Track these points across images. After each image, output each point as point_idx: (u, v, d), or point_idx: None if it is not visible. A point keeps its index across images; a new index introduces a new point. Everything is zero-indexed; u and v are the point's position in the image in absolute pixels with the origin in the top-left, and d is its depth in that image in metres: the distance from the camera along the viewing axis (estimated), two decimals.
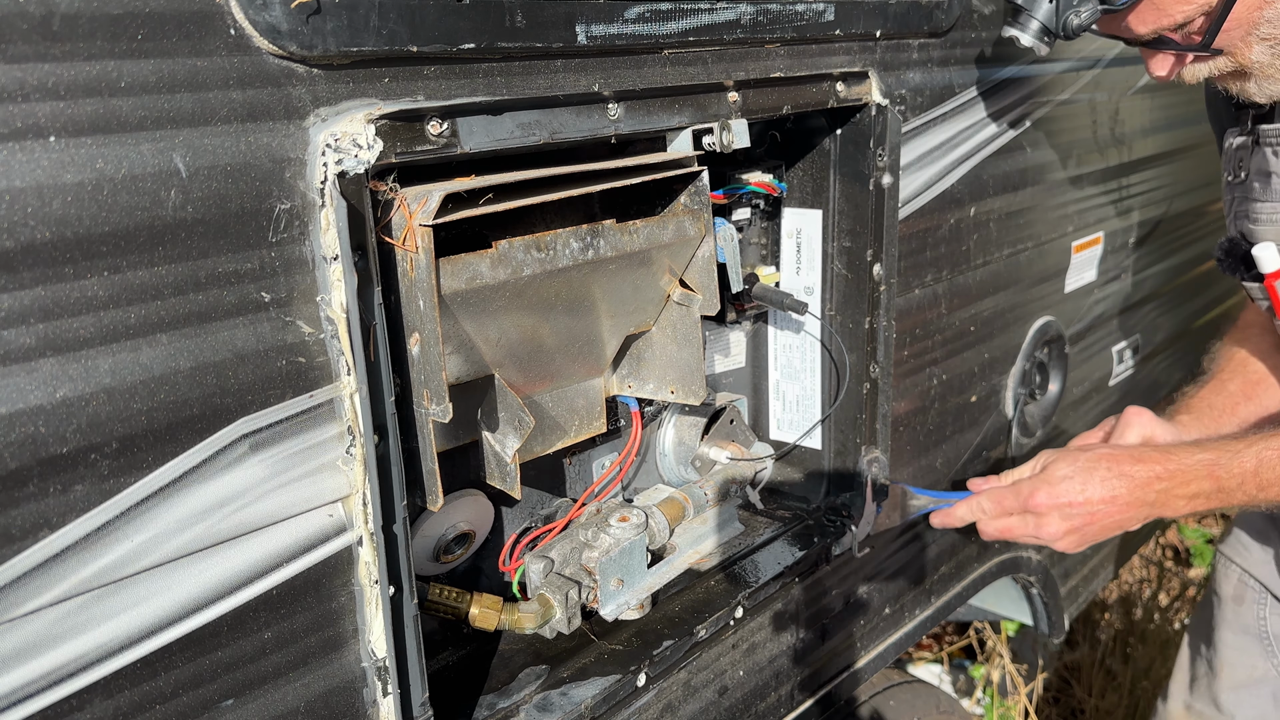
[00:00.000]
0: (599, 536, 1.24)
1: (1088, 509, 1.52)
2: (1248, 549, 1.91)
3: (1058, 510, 1.53)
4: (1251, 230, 1.59)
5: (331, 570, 0.92)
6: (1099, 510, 1.52)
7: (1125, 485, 1.51)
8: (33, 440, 0.72)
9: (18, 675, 0.74)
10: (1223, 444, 1.51)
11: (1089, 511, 1.52)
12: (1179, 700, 2.01)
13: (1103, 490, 1.51)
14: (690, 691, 1.33)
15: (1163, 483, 1.50)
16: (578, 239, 1.12)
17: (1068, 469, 1.54)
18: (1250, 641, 1.89)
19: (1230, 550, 1.95)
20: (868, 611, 1.69)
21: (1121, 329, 2.39)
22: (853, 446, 1.54)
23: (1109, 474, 1.52)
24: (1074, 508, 1.52)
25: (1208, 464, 1.49)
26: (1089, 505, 1.52)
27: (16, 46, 0.68)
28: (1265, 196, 1.56)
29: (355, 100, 0.86)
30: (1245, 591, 1.90)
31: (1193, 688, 1.99)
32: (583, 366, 1.24)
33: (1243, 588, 1.91)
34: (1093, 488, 1.52)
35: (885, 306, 1.48)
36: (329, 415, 0.89)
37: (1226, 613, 1.93)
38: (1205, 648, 1.97)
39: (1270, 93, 1.42)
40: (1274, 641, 1.87)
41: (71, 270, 0.72)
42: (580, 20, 1.00)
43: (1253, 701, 1.88)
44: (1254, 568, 1.89)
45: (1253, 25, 1.33)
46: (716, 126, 1.18)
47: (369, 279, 0.88)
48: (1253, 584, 1.89)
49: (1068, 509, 1.52)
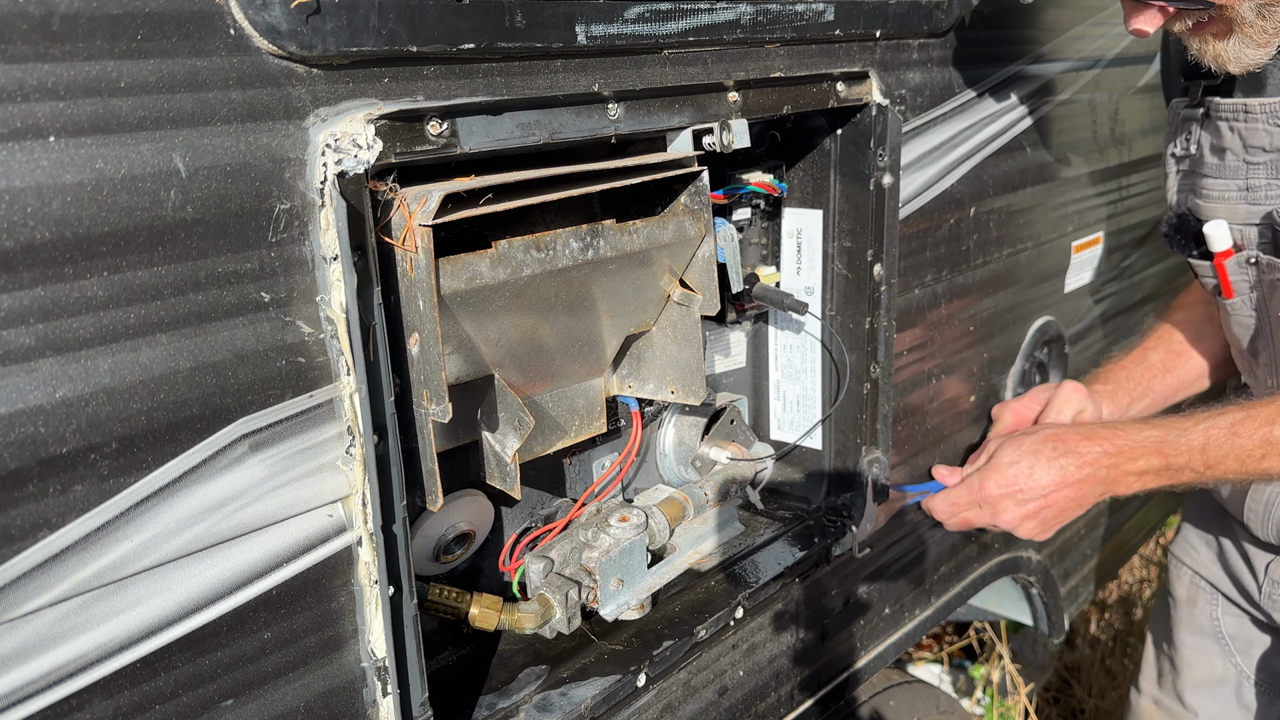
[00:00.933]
0: (599, 536, 1.24)
1: (1038, 492, 1.53)
2: (1196, 550, 1.90)
3: (1009, 497, 1.54)
4: (1200, 206, 1.57)
5: (331, 570, 0.92)
6: (1051, 493, 1.53)
7: (1074, 463, 1.52)
8: (33, 440, 0.72)
9: (18, 675, 0.74)
10: (1170, 421, 1.52)
11: (1041, 495, 1.53)
12: (1149, 695, 2.02)
13: (1050, 472, 1.52)
14: (690, 692, 1.33)
15: (1110, 458, 1.51)
16: (578, 239, 1.12)
17: (1013, 454, 1.55)
18: (1208, 642, 1.89)
19: (1180, 551, 1.94)
20: (868, 611, 1.69)
21: (1122, 329, 2.39)
22: (853, 447, 1.54)
23: (1055, 454, 1.53)
24: (1024, 493, 1.53)
25: (1155, 440, 1.50)
26: (1039, 489, 1.53)
27: (16, 46, 0.68)
28: (1218, 173, 1.53)
29: (355, 100, 0.86)
30: (1198, 594, 1.89)
31: (1160, 683, 2.00)
32: (583, 366, 1.24)
33: (1195, 590, 1.90)
34: (1040, 471, 1.53)
35: (886, 306, 1.48)
36: (329, 415, 0.89)
37: (1182, 614, 1.92)
38: (1167, 645, 1.97)
39: (1246, 60, 1.34)
40: (1229, 641, 1.86)
41: (71, 270, 0.72)
42: (580, 20, 1.00)
43: (1215, 700, 1.89)
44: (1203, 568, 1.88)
45: None
46: (717, 126, 1.18)
47: (369, 279, 0.88)
48: (1204, 585, 1.88)
49: (1019, 495, 1.54)
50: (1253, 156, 1.47)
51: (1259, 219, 1.49)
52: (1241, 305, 1.57)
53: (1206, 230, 1.54)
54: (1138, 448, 1.50)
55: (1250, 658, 1.84)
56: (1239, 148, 1.48)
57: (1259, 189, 1.48)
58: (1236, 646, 1.85)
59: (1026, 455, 1.55)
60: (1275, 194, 1.47)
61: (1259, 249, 1.50)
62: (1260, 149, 1.46)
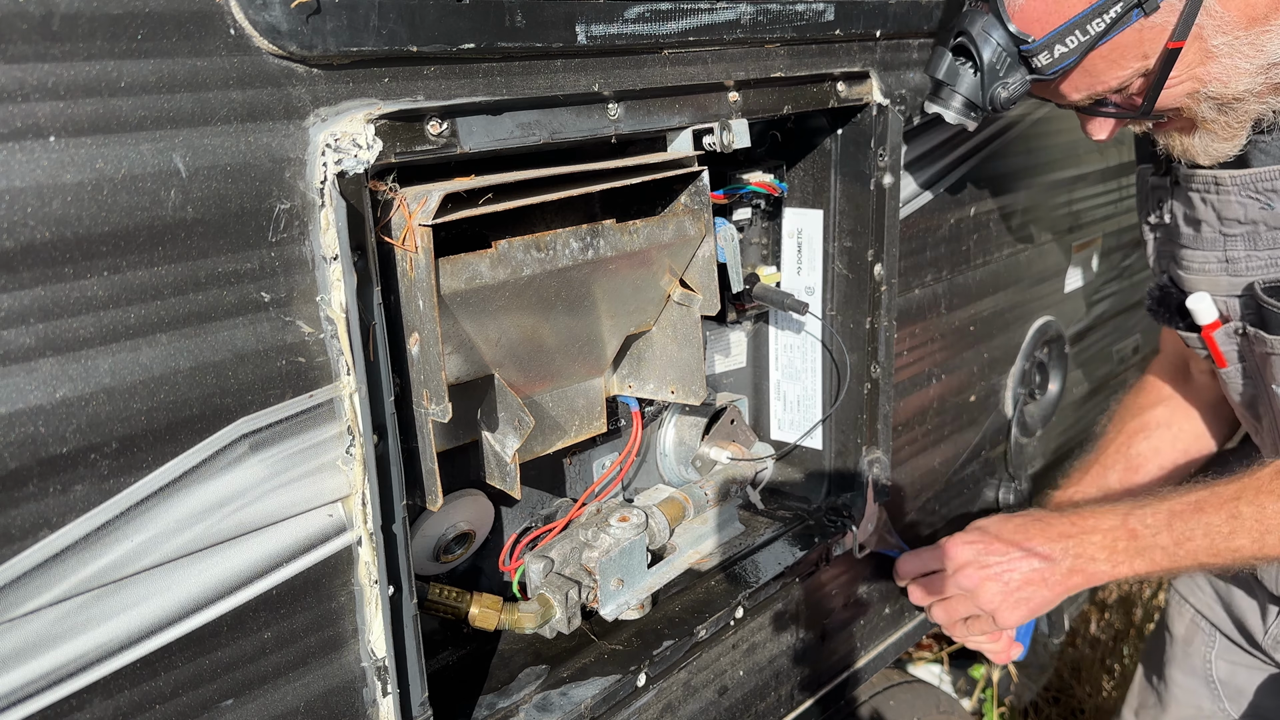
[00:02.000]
0: (599, 536, 1.24)
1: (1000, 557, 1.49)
2: (1201, 589, 1.85)
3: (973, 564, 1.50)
4: (1181, 278, 1.51)
5: (331, 570, 0.92)
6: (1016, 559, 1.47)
7: (1039, 531, 1.49)
8: (33, 440, 0.72)
9: (18, 675, 0.74)
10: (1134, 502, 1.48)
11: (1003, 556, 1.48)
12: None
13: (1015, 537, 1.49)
14: (690, 691, 1.33)
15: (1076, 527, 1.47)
16: (578, 239, 1.12)
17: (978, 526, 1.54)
18: (1197, 683, 1.85)
19: (1184, 588, 1.89)
20: (868, 611, 1.69)
21: (1121, 329, 2.39)
22: (853, 447, 1.54)
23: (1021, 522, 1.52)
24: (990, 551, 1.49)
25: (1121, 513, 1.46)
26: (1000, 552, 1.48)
27: (16, 46, 0.68)
28: (1195, 244, 1.47)
29: (355, 100, 0.86)
30: (1195, 634, 1.85)
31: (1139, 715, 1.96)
32: (583, 366, 1.24)
33: (1194, 629, 1.85)
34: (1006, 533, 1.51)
35: (886, 306, 1.48)
36: (329, 415, 0.89)
37: (1176, 652, 1.88)
38: (1156, 679, 1.93)
39: (1214, 153, 1.31)
40: (1219, 686, 1.81)
41: (71, 270, 0.72)
42: (580, 20, 1.00)
43: None
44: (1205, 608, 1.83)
45: (1198, 83, 1.23)
46: (717, 126, 1.18)
47: (368, 279, 0.88)
48: (1204, 625, 1.83)
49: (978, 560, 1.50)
50: (1229, 228, 1.42)
51: (1240, 290, 1.44)
52: (1236, 373, 1.53)
53: (1190, 305, 1.50)
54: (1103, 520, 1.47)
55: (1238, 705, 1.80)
56: (1214, 220, 1.43)
57: (1238, 260, 1.43)
58: (1225, 692, 1.81)
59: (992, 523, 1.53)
60: (1255, 265, 1.42)
61: (1244, 320, 1.46)
62: (1235, 220, 1.40)
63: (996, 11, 1.20)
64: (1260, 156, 1.35)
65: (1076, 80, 1.24)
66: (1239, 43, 1.19)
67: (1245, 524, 1.39)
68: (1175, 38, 1.17)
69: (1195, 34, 1.18)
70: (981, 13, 1.22)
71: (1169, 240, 1.53)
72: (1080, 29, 1.16)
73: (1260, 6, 1.18)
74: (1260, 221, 1.38)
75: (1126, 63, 1.21)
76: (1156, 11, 1.16)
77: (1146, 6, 1.15)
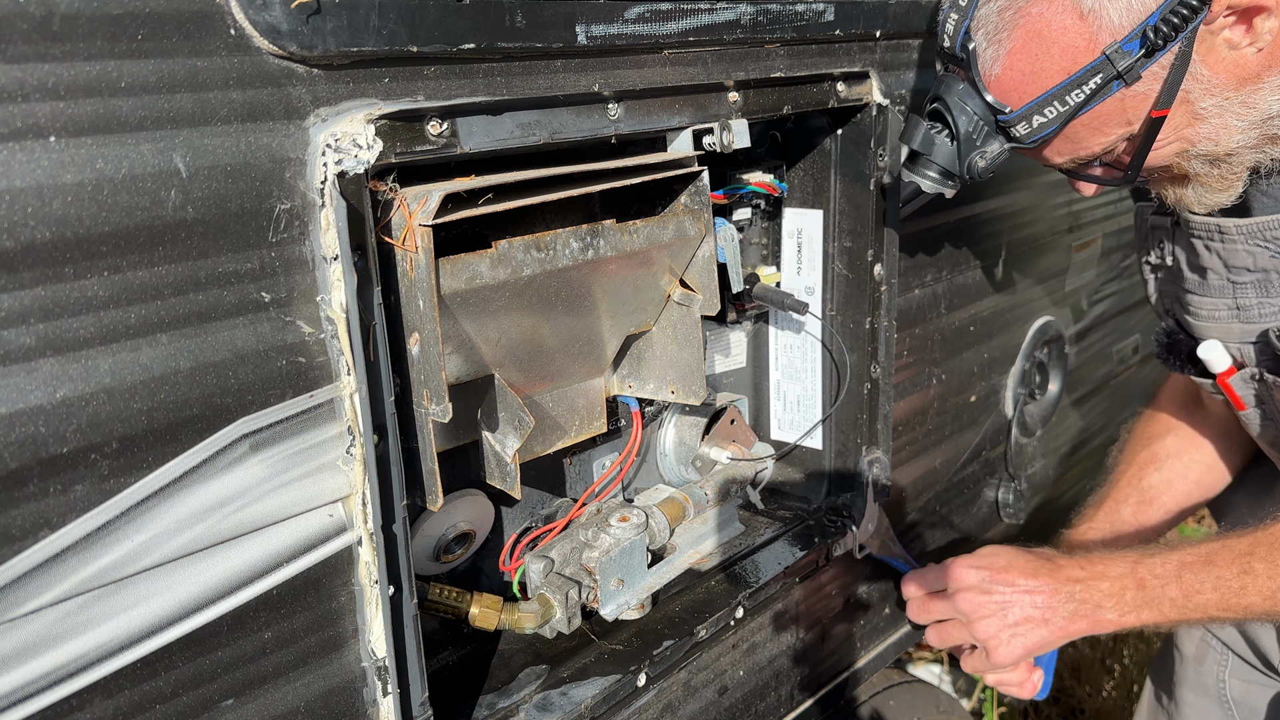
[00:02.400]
0: (599, 536, 1.24)
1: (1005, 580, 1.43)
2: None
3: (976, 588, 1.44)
4: (1190, 324, 1.46)
5: (331, 570, 0.92)
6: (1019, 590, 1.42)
7: (1047, 568, 1.43)
8: (33, 440, 0.72)
9: (18, 675, 0.74)
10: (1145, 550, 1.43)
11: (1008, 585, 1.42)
12: None
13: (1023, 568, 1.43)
14: (690, 691, 1.33)
15: (1084, 570, 1.42)
16: (578, 239, 1.12)
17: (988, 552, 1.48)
18: (1210, 704, 1.78)
19: None
20: (868, 611, 1.69)
21: (1121, 329, 2.39)
22: (853, 447, 1.54)
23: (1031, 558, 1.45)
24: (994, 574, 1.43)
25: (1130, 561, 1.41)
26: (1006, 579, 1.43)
27: (16, 46, 0.68)
28: (1203, 291, 1.41)
29: (355, 100, 0.86)
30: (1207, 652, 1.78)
31: None
32: (583, 366, 1.24)
33: (1205, 647, 1.78)
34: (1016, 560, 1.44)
35: (886, 306, 1.48)
36: (329, 415, 0.89)
37: (1188, 671, 1.82)
38: (1166, 699, 1.86)
39: (1210, 203, 1.27)
40: (1234, 706, 1.75)
41: (71, 270, 0.72)
42: (580, 20, 1.00)
43: None
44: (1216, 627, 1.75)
45: (1187, 144, 1.19)
46: (717, 126, 1.18)
47: (369, 279, 0.88)
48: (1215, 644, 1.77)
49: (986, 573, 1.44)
50: (1238, 276, 1.36)
51: (1254, 337, 1.39)
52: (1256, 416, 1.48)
53: (1201, 354, 1.44)
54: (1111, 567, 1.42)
55: None
56: (1220, 268, 1.37)
57: (1250, 308, 1.37)
58: (1240, 713, 1.74)
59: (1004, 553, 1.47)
60: (1269, 312, 1.36)
61: (1260, 366, 1.40)
62: (1244, 269, 1.35)
63: (972, 80, 1.16)
64: (1263, 201, 1.29)
65: (1059, 146, 1.20)
66: (1230, 103, 1.15)
67: (1258, 580, 1.34)
68: (1159, 106, 1.13)
69: (1181, 98, 1.14)
70: (957, 80, 1.18)
71: (1172, 283, 1.48)
72: (1059, 100, 1.12)
73: (1251, 66, 1.13)
74: (1271, 269, 1.33)
75: (1109, 130, 1.17)
76: (1139, 81, 1.11)
77: (1128, 77, 1.10)
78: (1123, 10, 1.08)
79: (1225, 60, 1.13)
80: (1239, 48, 1.12)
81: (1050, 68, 1.12)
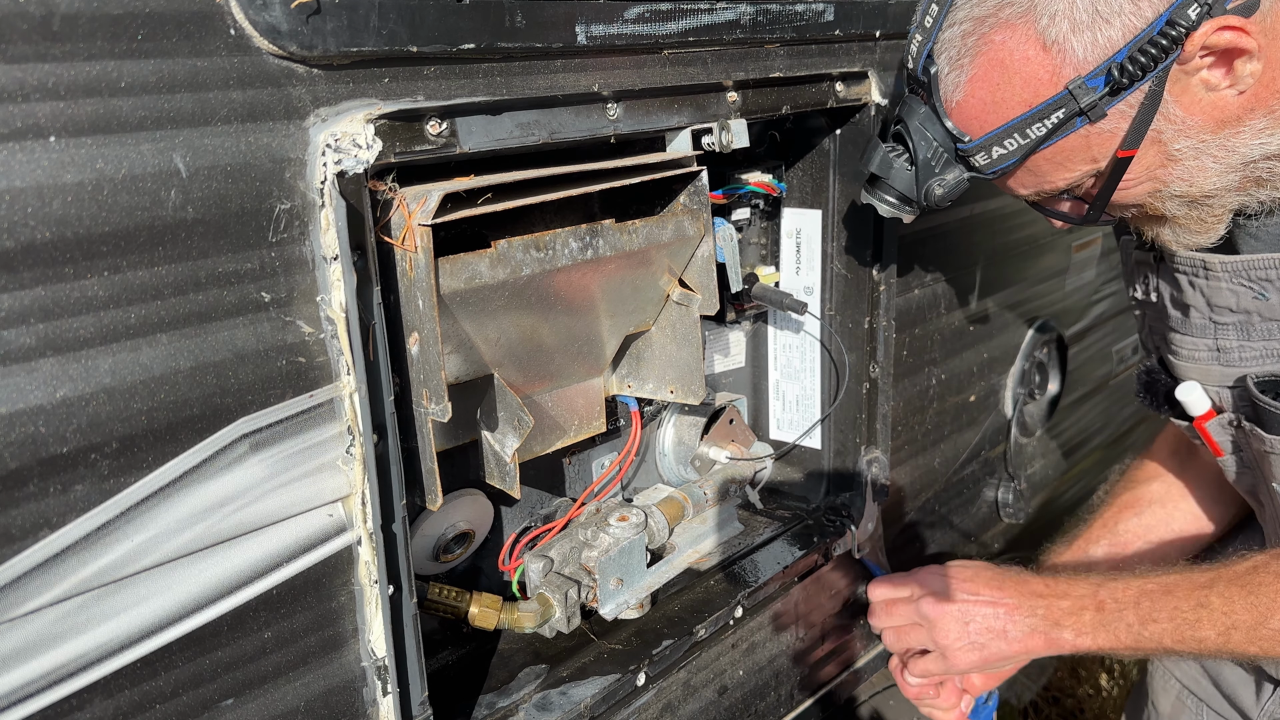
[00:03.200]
0: (598, 536, 1.24)
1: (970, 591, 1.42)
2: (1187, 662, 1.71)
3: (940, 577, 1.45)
4: (1173, 364, 1.41)
5: (331, 570, 0.92)
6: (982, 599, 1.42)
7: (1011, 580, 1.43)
8: (33, 440, 0.72)
9: (18, 675, 0.74)
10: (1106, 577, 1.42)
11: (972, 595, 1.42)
12: None
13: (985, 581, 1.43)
14: (690, 691, 1.33)
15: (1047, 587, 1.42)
16: (577, 239, 1.12)
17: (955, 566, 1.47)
18: None
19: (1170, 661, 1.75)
20: (867, 611, 1.69)
21: (1121, 329, 2.40)
22: (852, 446, 1.54)
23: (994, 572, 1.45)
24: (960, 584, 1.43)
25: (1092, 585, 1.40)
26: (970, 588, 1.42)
27: (16, 46, 0.68)
28: (1184, 329, 1.36)
29: (355, 100, 0.86)
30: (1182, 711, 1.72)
31: None
32: (582, 366, 1.24)
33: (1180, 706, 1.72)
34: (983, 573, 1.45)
35: (885, 306, 1.48)
36: (329, 415, 0.89)
37: None
38: None
39: (1190, 244, 1.22)
40: None
41: (71, 270, 0.73)
42: (580, 20, 1.00)
43: None
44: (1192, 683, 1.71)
45: (1160, 184, 1.14)
46: (716, 126, 1.18)
47: (368, 279, 0.88)
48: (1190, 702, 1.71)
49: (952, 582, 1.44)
50: (1220, 316, 1.31)
51: (1233, 381, 1.34)
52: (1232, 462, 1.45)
53: (1179, 396, 1.39)
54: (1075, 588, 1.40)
55: None
56: (1203, 306, 1.31)
57: (1231, 351, 1.32)
58: None
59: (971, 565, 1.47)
60: (1249, 356, 1.31)
61: (1238, 413, 1.36)
62: (1227, 309, 1.29)
63: (934, 106, 1.12)
64: (1250, 242, 1.24)
65: (1022, 178, 1.16)
66: (1207, 145, 1.10)
67: (1213, 614, 1.31)
68: (1126, 146, 1.09)
69: (1153, 139, 1.09)
70: (920, 103, 1.14)
71: (1158, 319, 1.43)
72: (1019, 132, 1.08)
73: (1230, 109, 1.08)
74: (1254, 311, 1.28)
75: (1074, 166, 1.13)
76: (1104, 119, 1.07)
77: (1091, 114, 1.06)
78: (1088, 45, 1.04)
79: (1202, 102, 1.08)
80: (1217, 89, 1.08)
81: (1011, 99, 1.08)
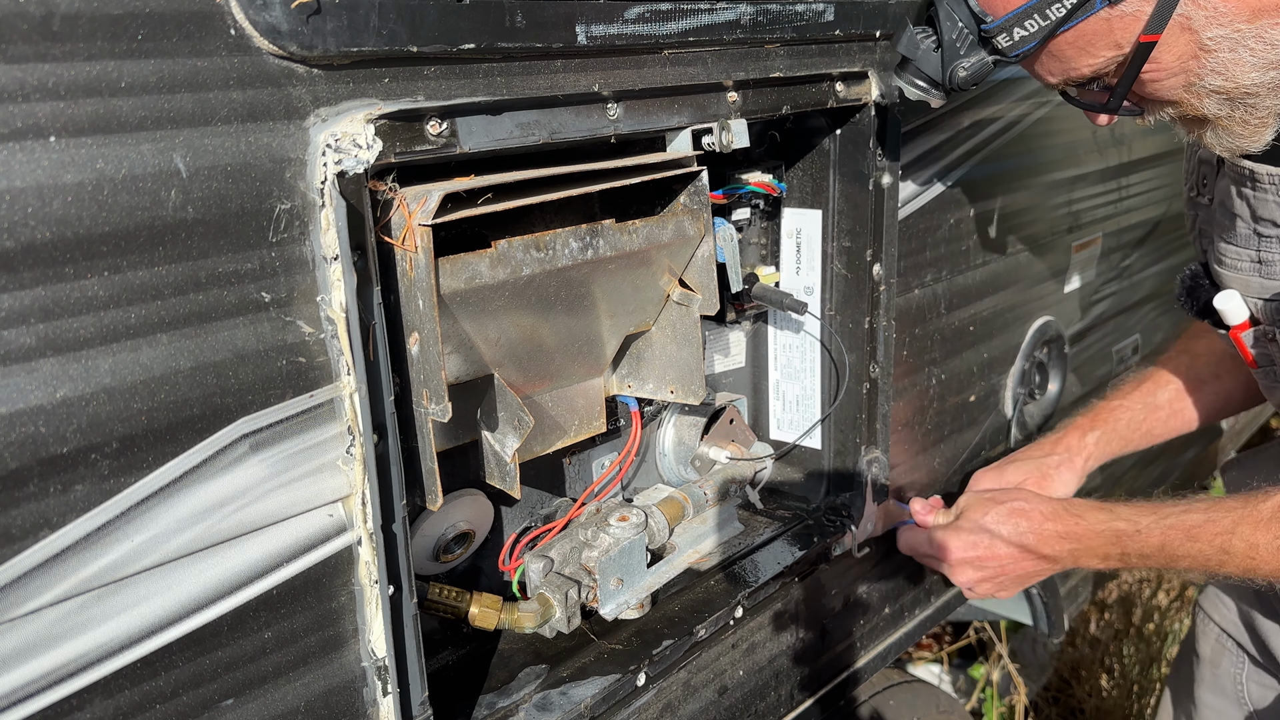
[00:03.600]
0: (599, 536, 1.24)
1: (996, 563, 1.55)
2: (1226, 606, 1.79)
3: (968, 564, 1.57)
4: (1218, 272, 1.43)
5: (331, 570, 0.92)
6: (1008, 565, 1.55)
7: (1034, 540, 1.53)
8: (33, 440, 0.72)
9: (18, 675, 0.74)
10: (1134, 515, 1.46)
11: (998, 565, 1.56)
12: None
13: (1011, 548, 1.54)
14: (690, 691, 1.33)
15: (1071, 543, 1.51)
16: (577, 239, 1.12)
17: (978, 521, 1.56)
18: (1229, 705, 1.78)
19: (1209, 606, 1.82)
20: (868, 611, 1.69)
21: (1121, 329, 2.40)
22: (852, 446, 1.54)
23: (1017, 531, 1.53)
24: (982, 560, 1.56)
25: (1116, 533, 1.46)
26: (997, 560, 1.55)
27: (16, 46, 0.68)
28: (1230, 238, 1.37)
29: (355, 100, 0.86)
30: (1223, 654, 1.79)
31: None
32: (582, 366, 1.24)
33: (1220, 649, 1.79)
34: (1000, 545, 1.54)
35: (885, 306, 1.48)
36: (329, 415, 0.89)
37: (1205, 673, 1.82)
38: (1186, 700, 1.87)
39: (1231, 146, 1.20)
40: (1253, 707, 1.75)
41: (71, 270, 0.72)
42: (580, 20, 1.00)
43: None
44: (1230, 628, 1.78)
45: (1193, 77, 1.12)
46: (716, 126, 1.18)
47: (368, 279, 0.88)
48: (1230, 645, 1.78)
49: (976, 561, 1.56)
50: (1263, 229, 1.31)
51: (1271, 294, 1.35)
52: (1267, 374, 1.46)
53: (1218, 304, 1.40)
54: (1099, 535, 1.48)
55: None
56: (1247, 216, 1.31)
57: (1273, 264, 1.33)
58: (1260, 717, 1.73)
59: (990, 525, 1.54)
60: None
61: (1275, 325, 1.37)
62: (1270, 222, 1.29)
63: None
64: None
65: (1048, 64, 1.16)
66: (1242, 36, 1.07)
67: (1235, 558, 1.36)
68: (1149, 30, 1.07)
69: (1183, 25, 1.07)
70: None
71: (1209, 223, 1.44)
72: (1039, 13, 1.08)
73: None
74: None
75: (1097, 51, 1.12)
76: (1125, 1, 1.06)
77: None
78: None
79: None
80: None
81: None
